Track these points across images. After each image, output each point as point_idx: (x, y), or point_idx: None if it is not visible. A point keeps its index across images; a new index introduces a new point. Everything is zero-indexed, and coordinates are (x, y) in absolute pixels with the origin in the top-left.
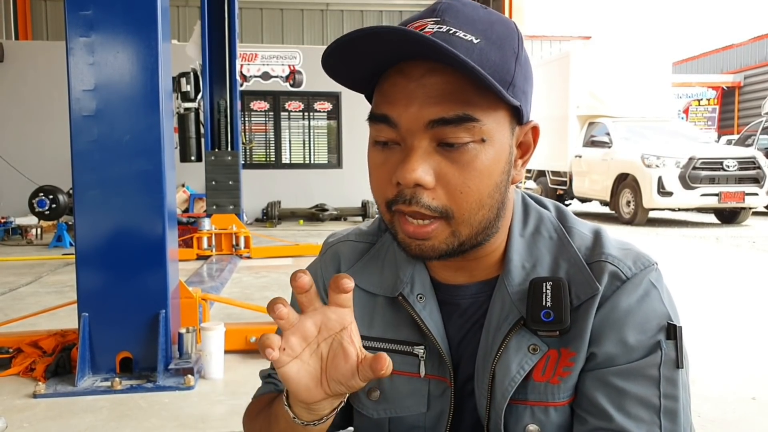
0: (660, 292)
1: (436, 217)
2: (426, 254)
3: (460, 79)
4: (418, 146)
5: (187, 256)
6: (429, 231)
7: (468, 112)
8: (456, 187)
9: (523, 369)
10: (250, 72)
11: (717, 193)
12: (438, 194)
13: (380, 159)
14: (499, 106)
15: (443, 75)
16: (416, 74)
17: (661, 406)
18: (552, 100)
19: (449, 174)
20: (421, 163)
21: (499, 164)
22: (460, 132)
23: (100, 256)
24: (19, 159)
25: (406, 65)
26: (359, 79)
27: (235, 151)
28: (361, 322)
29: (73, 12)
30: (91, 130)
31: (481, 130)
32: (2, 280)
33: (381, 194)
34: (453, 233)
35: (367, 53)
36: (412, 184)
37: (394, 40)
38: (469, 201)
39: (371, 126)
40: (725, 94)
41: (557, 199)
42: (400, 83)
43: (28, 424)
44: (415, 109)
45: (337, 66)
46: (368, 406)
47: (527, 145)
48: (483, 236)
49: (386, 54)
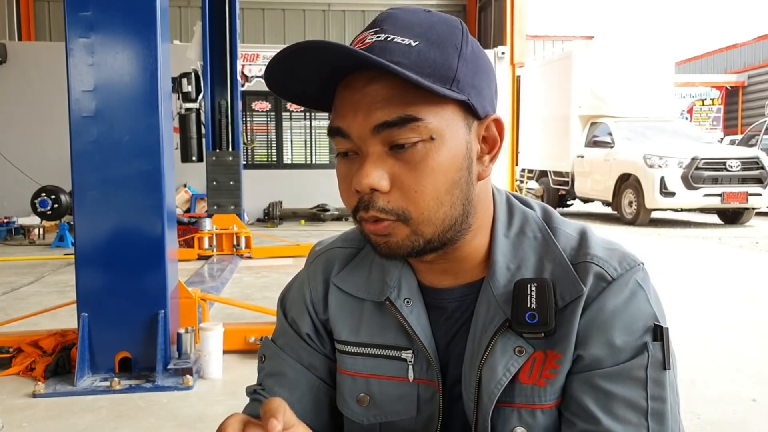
0: (647, 292)
1: (392, 219)
2: (394, 252)
3: (400, 83)
4: (371, 152)
5: (188, 256)
6: (384, 227)
7: (409, 113)
8: (410, 187)
9: (509, 371)
10: (252, 72)
11: (720, 194)
12: (393, 197)
13: (344, 170)
14: (446, 104)
15: (384, 81)
16: (359, 85)
17: (649, 408)
18: (554, 100)
19: (402, 175)
20: (375, 168)
21: (455, 161)
22: (406, 133)
23: (100, 256)
24: (21, 159)
25: (351, 78)
26: (312, 100)
27: (236, 152)
28: (348, 328)
29: (72, 13)
30: (91, 131)
31: (427, 128)
32: (4, 279)
33: (348, 204)
34: (414, 232)
35: (307, 72)
36: (367, 190)
37: (324, 57)
38: (426, 200)
39: (332, 140)
40: (729, 94)
41: (559, 200)
42: (347, 96)
43: (27, 424)
44: (361, 118)
45: (285, 86)
46: (358, 412)
47: (493, 139)
48: (452, 233)
49: (323, 70)
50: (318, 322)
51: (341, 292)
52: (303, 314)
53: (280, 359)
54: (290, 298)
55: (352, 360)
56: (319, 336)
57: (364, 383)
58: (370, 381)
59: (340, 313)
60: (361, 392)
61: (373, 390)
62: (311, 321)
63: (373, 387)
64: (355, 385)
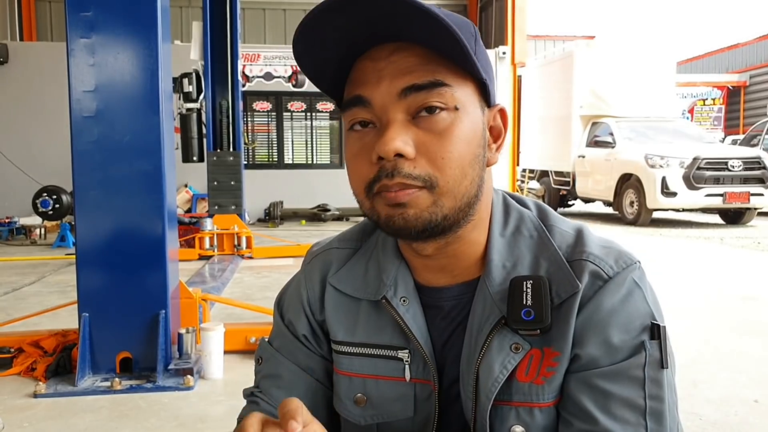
0: (643, 291)
1: (419, 186)
2: (410, 224)
3: (427, 53)
4: (394, 119)
5: (189, 256)
6: (408, 193)
7: (439, 78)
8: (437, 153)
9: (506, 369)
10: (253, 72)
11: (722, 194)
12: (419, 163)
13: (357, 146)
14: (467, 81)
15: (411, 51)
16: (383, 54)
17: (647, 407)
18: (555, 100)
19: (428, 142)
20: (400, 133)
21: (476, 136)
22: (433, 97)
23: (101, 257)
24: (23, 159)
25: (373, 51)
26: (329, 74)
27: (237, 152)
28: (344, 328)
29: (73, 13)
30: (92, 131)
31: (453, 97)
32: (6, 279)
33: (361, 179)
34: (435, 203)
35: (340, 27)
36: (392, 155)
37: (374, 6)
38: (453, 167)
39: (345, 114)
40: (731, 94)
41: (560, 200)
42: (369, 66)
43: (28, 424)
44: (386, 84)
45: (308, 45)
46: (355, 413)
47: (498, 129)
48: (464, 213)
49: (360, 29)
50: (315, 323)
51: (337, 292)
52: (300, 315)
53: (277, 361)
54: (287, 299)
55: (349, 360)
56: (316, 337)
57: (360, 383)
58: (367, 381)
59: (337, 313)
60: (357, 393)
61: (369, 390)
62: (308, 322)
63: (370, 387)
64: (351, 385)
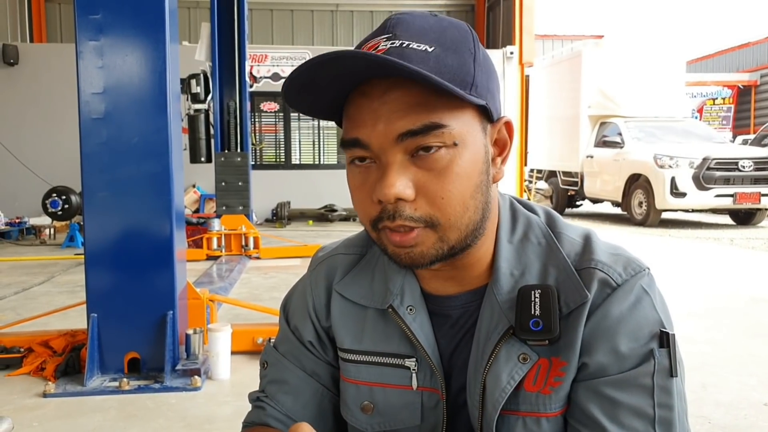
0: (652, 298)
1: (421, 226)
2: (417, 262)
3: (421, 90)
4: (393, 161)
5: (196, 257)
6: (413, 237)
7: (434, 120)
8: (436, 193)
9: (514, 379)
10: (261, 73)
11: (732, 194)
12: (419, 204)
13: (359, 180)
14: (465, 108)
15: (404, 88)
16: (378, 93)
17: (656, 416)
18: (563, 99)
19: (428, 183)
20: (399, 177)
21: (477, 165)
22: (430, 140)
23: (109, 257)
24: (33, 160)
25: (368, 86)
26: (324, 108)
27: (244, 152)
28: (351, 336)
29: (82, 16)
30: (100, 133)
31: (450, 134)
32: (16, 279)
33: (365, 214)
34: (441, 239)
35: (326, 81)
36: (393, 200)
37: (348, 65)
38: (453, 205)
39: (345, 151)
40: (741, 93)
41: (568, 200)
42: (364, 104)
43: (37, 424)
44: (382, 127)
45: (300, 98)
46: (362, 420)
47: (503, 141)
48: (472, 238)
49: (344, 79)
50: (321, 329)
51: (344, 299)
52: (305, 321)
53: (283, 366)
54: (293, 304)
55: (356, 368)
56: (322, 343)
57: (367, 391)
58: (374, 389)
59: (343, 320)
60: (364, 400)
61: (376, 398)
62: (314, 328)
63: (377, 395)
64: (358, 393)
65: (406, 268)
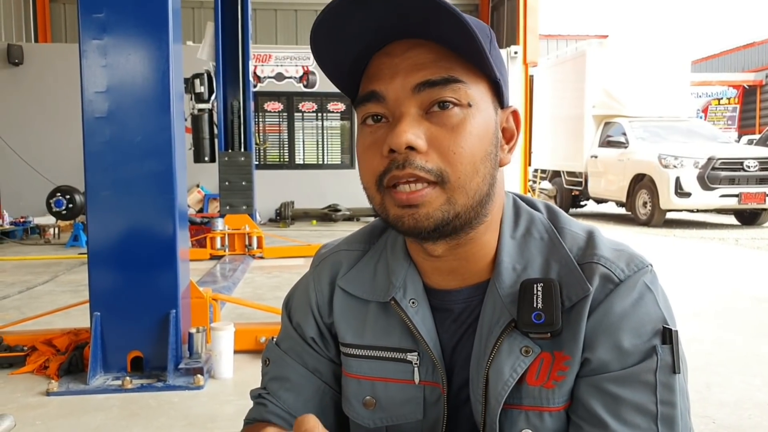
0: (655, 294)
1: (430, 181)
2: (420, 224)
3: (443, 51)
4: (407, 112)
5: (200, 256)
6: (422, 194)
7: (453, 74)
8: (448, 147)
9: (516, 372)
10: (264, 73)
11: (737, 194)
12: (431, 157)
13: (369, 140)
14: (481, 79)
15: (426, 47)
16: (400, 50)
17: (658, 412)
18: (567, 99)
19: (440, 136)
20: (412, 126)
21: (488, 133)
22: (446, 93)
23: (112, 256)
24: (37, 159)
25: (390, 47)
26: (345, 67)
27: (248, 152)
28: (353, 331)
29: (86, 14)
30: (104, 132)
31: (467, 93)
32: (20, 278)
33: (371, 171)
34: (448, 200)
35: (356, 28)
36: (404, 147)
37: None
38: (464, 163)
39: (359, 109)
40: (746, 93)
41: (572, 200)
42: (385, 61)
43: (40, 422)
44: (400, 79)
45: (327, 47)
46: (364, 415)
47: (511, 131)
48: (476, 212)
49: (380, 24)
50: (323, 325)
51: (346, 294)
52: (308, 318)
53: (285, 363)
54: (295, 301)
55: (358, 363)
56: (324, 340)
57: (369, 386)
58: (376, 384)
59: (345, 315)
60: (367, 395)
61: (378, 393)
62: (316, 325)
63: (379, 390)
64: (360, 388)
65: (409, 234)
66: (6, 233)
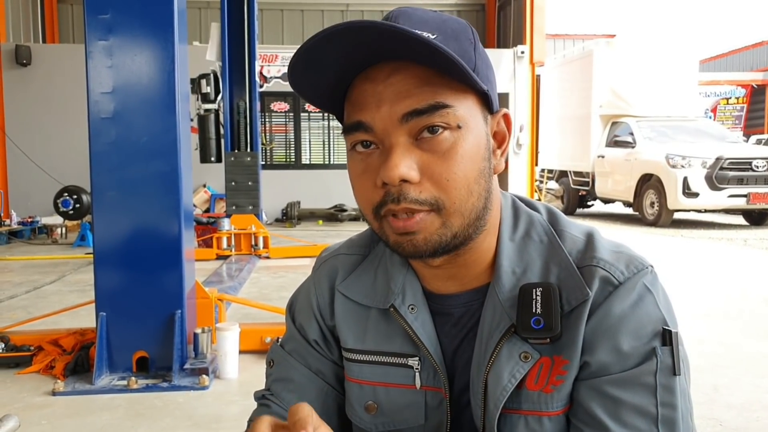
0: (655, 296)
1: (426, 210)
2: (420, 250)
3: (425, 73)
4: (396, 143)
5: (206, 256)
6: (416, 222)
7: (439, 100)
8: (441, 175)
9: (515, 377)
10: (271, 73)
11: (745, 194)
12: (425, 187)
13: (360, 167)
14: (468, 94)
15: (408, 72)
16: (382, 76)
17: (659, 415)
18: (574, 99)
19: (432, 165)
20: (403, 158)
21: (480, 151)
22: (435, 119)
23: (118, 257)
24: (45, 159)
25: (371, 70)
26: (326, 91)
27: (254, 152)
28: (354, 335)
29: (92, 15)
30: (109, 132)
31: (455, 116)
32: (28, 278)
33: (367, 201)
34: (444, 224)
35: (333, 57)
36: (397, 181)
37: (358, 38)
38: (458, 188)
39: (347, 137)
40: (755, 93)
41: (579, 200)
42: (368, 88)
43: (46, 422)
44: (386, 108)
45: (305, 76)
46: (366, 420)
47: (502, 134)
48: (474, 228)
49: (352, 55)
50: (325, 328)
51: (346, 299)
52: (310, 320)
53: (288, 364)
54: (298, 304)
55: (359, 368)
56: (327, 342)
57: (371, 391)
58: (378, 389)
59: (346, 320)
60: (368, 400)
61: (380, 398)
62: (319, 327)
63: (381, 395)
64: (362, 393)
65: (409, 259)
66: (14, 233)
